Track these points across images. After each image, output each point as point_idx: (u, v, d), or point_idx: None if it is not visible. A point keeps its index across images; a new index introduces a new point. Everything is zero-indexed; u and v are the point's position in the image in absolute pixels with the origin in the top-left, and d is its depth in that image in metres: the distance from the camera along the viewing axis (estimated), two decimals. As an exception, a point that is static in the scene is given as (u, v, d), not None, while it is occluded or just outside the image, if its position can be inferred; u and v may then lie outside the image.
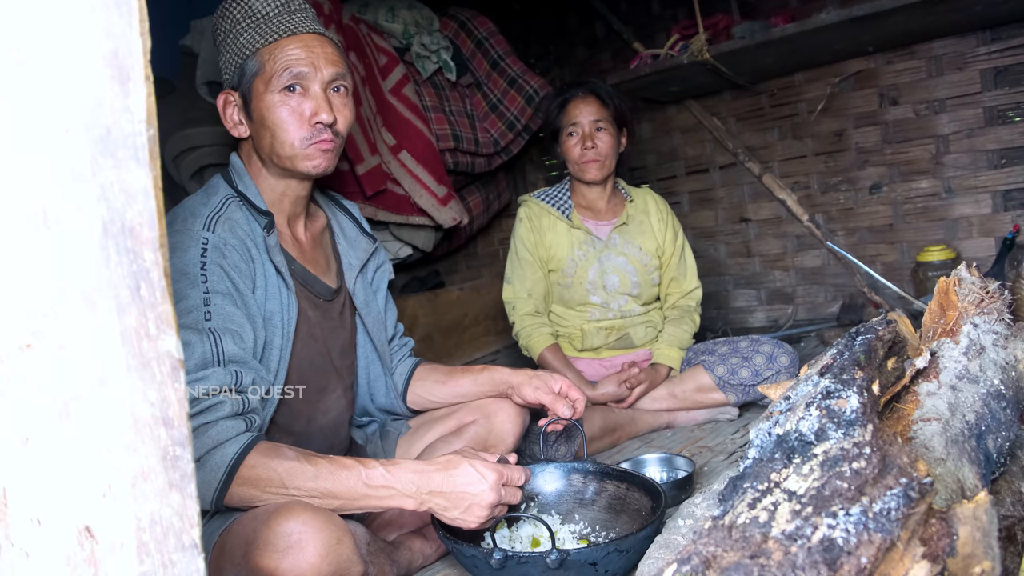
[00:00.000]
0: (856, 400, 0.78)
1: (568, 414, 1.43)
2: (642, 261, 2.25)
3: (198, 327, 1.14)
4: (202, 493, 1.08)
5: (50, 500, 0.63)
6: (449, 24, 3.06)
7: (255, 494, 1.10)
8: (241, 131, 1.35)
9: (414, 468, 1.14)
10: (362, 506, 1.14)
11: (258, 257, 1.28)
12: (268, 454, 1.11)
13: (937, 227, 2.81)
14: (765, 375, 2.01)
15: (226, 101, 1.35)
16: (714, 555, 0.63)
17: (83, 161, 0.55)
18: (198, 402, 1.09)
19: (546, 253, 2.25)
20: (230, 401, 1.12)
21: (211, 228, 1.23)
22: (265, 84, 1.29)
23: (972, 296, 1.16)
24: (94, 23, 0.55)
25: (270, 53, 1.29)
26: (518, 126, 3.03)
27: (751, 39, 2.52)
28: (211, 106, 2.37)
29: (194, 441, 1.05)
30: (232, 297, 1.20)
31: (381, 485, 1.12)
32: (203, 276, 1.17)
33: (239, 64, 1.31)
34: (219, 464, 1.08)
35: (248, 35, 1.30)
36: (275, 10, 1.31)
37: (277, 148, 1.31)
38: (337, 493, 1.11)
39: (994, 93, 2.62)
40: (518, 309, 2.23)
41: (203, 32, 2.37)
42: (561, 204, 2.26)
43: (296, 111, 1.29)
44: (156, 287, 0.56)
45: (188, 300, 1.15)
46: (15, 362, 0.62)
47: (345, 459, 1.14)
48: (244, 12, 1.31)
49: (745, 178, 3.23)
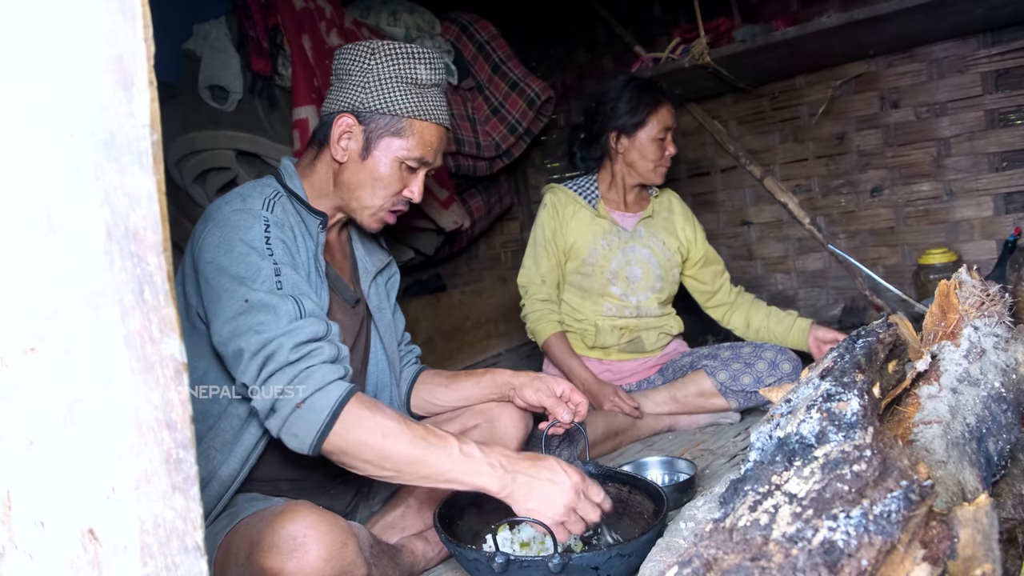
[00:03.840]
0: (857, 403, 0.78)
1: (568, 418, 1.43)
2: (666, 255, 2.26)
3: (276, 293, 1.18)
4: (302, 435, 1.10)
5: (54, 503, 0.63)
6: (451, 28, 3.07)
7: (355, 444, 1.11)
8: (340, 156, 1.37)
9: (503, 452, 1.16)
10: (448, 480, 1.13)
11: (302, 247, 1.32)
12: (371, 407, 1.13)
13: (938, 230, 2.81)
14: (767, 381, 2.00)
15: (347, 128, 1.36)
16: (715, 558, 0.63)
17: (87, 165, 0.56)
18: (298, 348, 1.13)
19: (565, 242, 2.24)
20: (328, 346, 1.17)
21: (270, 209, 1.28)
22: (395, 144, 1.35)
23: (973, 299, 1.16)
24: (98, 29, 0.55)
25: (416, 127, 1.36)
26: (520, 129, 3.04)
27: (752, 42, 2.52)
28: (214, 110, 2.39)
29: (298, 385, 1.10)
30: (295, 269, 1.25)
31: (475, 460, 1.13)
32: (269, 249, 1.22)
33: (382, 111, 1.34)
34: (324, 406, 1.10)
35: (406, 100, 1.35)
36: (432, 82, 1.37)
37: (361, 194, 1.38)
38: (429, 462, 1.12)
39: (995, 96, 2.62)
40: (531, 293, 2.23)
41: (206, 36, 2.38)
42: (588, 193, 2.26)
43: (399, 180, 1.38)
44: (159, 291, 0.56)
45: (261, 271, 1.19)
46: (19, 365, 0.62)
47: (440, 431, 1.16)
48: (407, 71, 1.35)
49: (746, 181, 3.23)
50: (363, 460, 1.12)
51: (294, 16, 2.43)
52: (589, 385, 2.11)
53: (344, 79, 1.37)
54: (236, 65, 2.36)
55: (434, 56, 1.37)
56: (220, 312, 1.17)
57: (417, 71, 1.35)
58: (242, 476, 1.27)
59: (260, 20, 2.41)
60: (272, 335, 1.13)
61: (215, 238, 1.23)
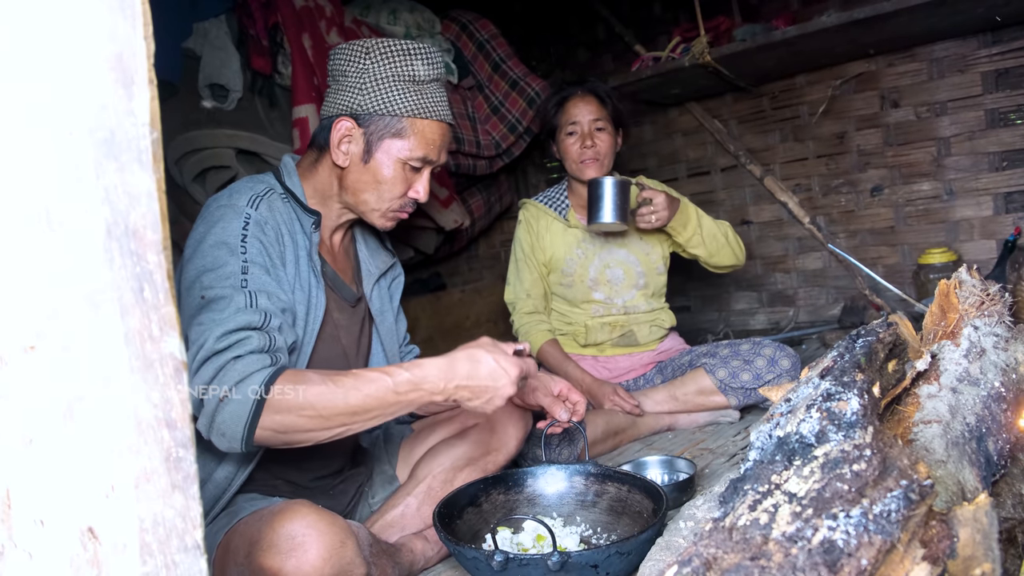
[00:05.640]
0: (857, 402, 0.78)
1: (566, 417, 1.43)
2: (643, 250, 2.26)
3: (235, 288, 1.16)
4: (231, 433, 1.07)
5: (53, 501, 0.63)
6: (451, 27, 3.07)
7: (290, 420, 1.08)
8: (342, 161, 1.35)
9: (438, 366, 1.17)
10: (395, 412, 1.16)
11: (290, 245, 1.30)
12: (296, 380, 1.10)
13: (938, 229, 2.81)
14: (766, 378, 2.01)
15: (346, 132, 1.34)
16: (715, 557, 0.63)
17: (87, 164, 0.56)
18: (224, 337, 1.09)
19: (543, 254, 2.26)
20: (257, 336, 1.12)
21: (255, 206, 1.26)
22: (396, 146, 1.33)
23: (973, 298, 1.16)
24: (98, 27, 0.55)
25: (417, 126, 1.34)
26: (520, 128, 3.04)
27: (752, 41, 2.52)
28: (213, 109, 2.39)
29: (221, 377, 1.06)
30: (267, 269, 1.22)
31: (410, 389, 1.14)
32: (243, 248, 1.20)
33: (380, 113, 1.32)
34: (246, 398, 1.06)
35: (404, 98, 1.32)
36: (431, 77, 1.34)
37: (367, 198, 1.37)
38: (369, 407, 1.12)
39: (995, 95, 2.62)
40: (518, 308, 2.26)
41: (206, 35, 2.38)
42: (558, 204, 2.28)
43: (404, 181, 1.37)
44: (159, 289, 0.56)
45: (227, 267, 1.17)
46: (19, 363, 0.62)
47: (368, 372, 1.15)
48: (403, 69, 1.32)
49: (746, 180, 3.23)
50: (303, 431, 1.10)
51: (294, 14, 2.43)
52: (588, 385, 2.11)
53: (340, 80, 1.35)
54: (236, 63, 2.36)
55: (431, 51, 1.35)
56: (184, 308, 1.15)
57: (414, 67, 1.32)
58: (239, 480, 1.26)
59: (260, 18, 2.41)
60: (207, 326, 1.10)
61: (197, 233, 1.23)
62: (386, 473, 1.57)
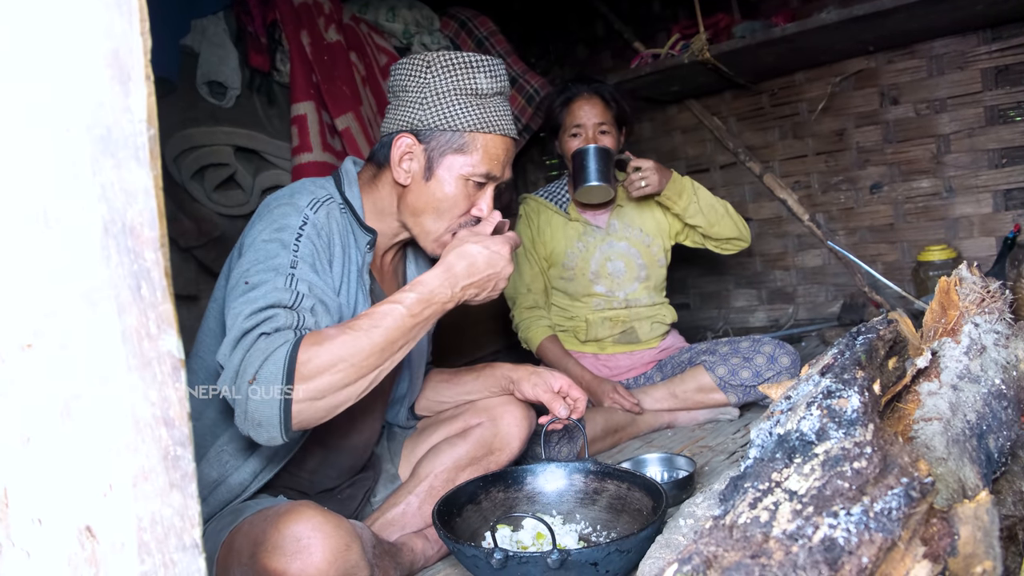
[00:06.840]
0: (857, 400, 0.78)
1: (565, 414, 1.43)
2: (644, 242, 2.26)
3: (277, 271, 1.14)
4: (267, 420, 1.03)
5: (51, 500, 0.63)
6: (450, 24, 3.06)
7: (325, 382, 1.06)
8: (403, 179, 1.31)
9: (438, 276, 1.19)
10: (417, 335, 1.17)
11: (341, 257, 1.28)
12: (317, 341, 1.07)
13: (938, 226, 2.81)
14: (766, 376, 2.01)
15: (407, 149, 1.29)
16: (715, 555, 0.63)
17: (84, 161, 0.55)
18: (253, 316, 1.08)
19: (544, 248, 2.27)
20: (284, 313, 1.10)
21: (314, 209, 1.25)
22: (458, 162, 1.28)
23: (973, 295, 1.16)
24: (95, 23, 0.55)
25: (480, 141, 1.29)
26: (518, 126, 3.04)
27: (752, 38, 2.52)
28: (212, 106, 2.38)
29: (247, 360, 1.04)
30: (316, 270, 1.21)
31: (423, 308, 1.16)
32: (296, 245, 1.19)
33: (442, 128, 1.27)
34: (274, 375, 1.03)
35: (467, 113, 1.27)
36: (494, 90, 1.30)
37: (424, 220, 1.32)
38: (394, 339, 1.13)
39: (995, 92, 2.62)
40: (518, 303, 2.26)
41: (204, 32, 2.38)
42: (559, 199, 2.29)
43: (467, 198, 1.31)
44: (157, 287, 0.56)
45: (276, 259, 1.16)
46: (16, 362, 0.62)
47: (376, 308, 1.15)
48: (466, 82, 1.27)
49: (746, 177, 3.22)
50: (341, 388, 1.08)
51: (292, 12, 2.43)
52: (587, 382, 2.11)
53: (401, 96, 1.30)
54: (234, 60, 2.36)
55: (494, 63, 1.30)
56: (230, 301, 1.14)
57: (477, 81, 1.27)
58: (253, 487, 1.25)
59: (258, 16, 2.41)
60: (239, 308, 1.09)
61: (254, 231, 1.21)
62: (388, 471, 1.56)
